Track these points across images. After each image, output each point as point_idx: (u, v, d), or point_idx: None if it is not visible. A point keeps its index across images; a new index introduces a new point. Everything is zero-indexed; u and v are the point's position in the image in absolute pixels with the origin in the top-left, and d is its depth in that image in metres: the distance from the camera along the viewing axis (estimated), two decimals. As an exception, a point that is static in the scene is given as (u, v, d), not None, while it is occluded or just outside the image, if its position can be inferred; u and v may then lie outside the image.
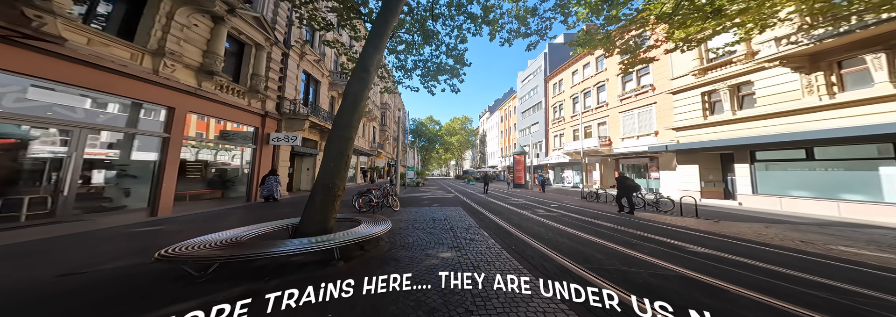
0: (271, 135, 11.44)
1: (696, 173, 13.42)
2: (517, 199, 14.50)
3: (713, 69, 12.98)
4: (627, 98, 19.07)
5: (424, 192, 18.41)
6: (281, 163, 12.46)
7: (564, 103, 28.22)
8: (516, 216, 8.66)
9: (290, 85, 13.33)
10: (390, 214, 8.73)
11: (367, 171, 29.87)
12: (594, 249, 4.93)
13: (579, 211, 9.98)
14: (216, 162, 9.98)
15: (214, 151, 10.05)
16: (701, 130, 13.23)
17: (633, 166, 19.36)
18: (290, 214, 6.88)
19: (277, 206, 9.61)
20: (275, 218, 5.65)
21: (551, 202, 12.70)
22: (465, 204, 12.05)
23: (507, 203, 12.50)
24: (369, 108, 26.06)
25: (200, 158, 9.44)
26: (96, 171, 6.25)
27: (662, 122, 16.06)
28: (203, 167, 9.53)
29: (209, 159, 9.79)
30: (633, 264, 4.04)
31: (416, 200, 13.77)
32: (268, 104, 11.60)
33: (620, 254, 4.54)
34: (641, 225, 7.32)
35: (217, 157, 10.10)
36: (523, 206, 11.41)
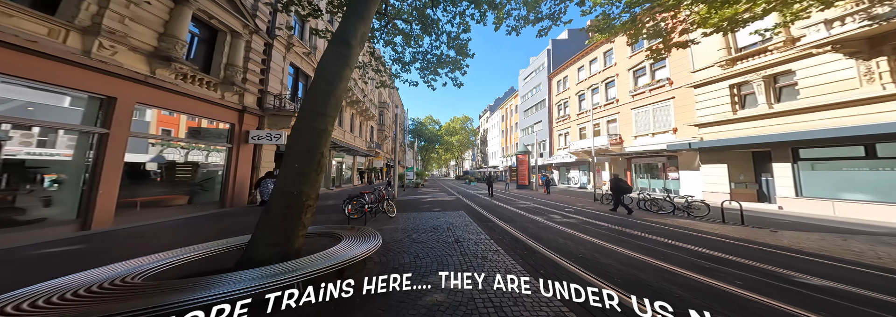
0: (251, 133, 10.02)
1: (725, 173, 12.01)
2: (525, 201, 13.11)
3: (744, 59, 11.58)
4: (640, 94, 17.67)
5: (424, 194, 17.02)
6: (264, 164, 11.05)
7: (570, 101, 26.82)
8: (531, 224, 7.27)
9: (274, 79, 11.92)
10: (385, 222, 7.38)
11: (364, 172, 28.44)
12: (661, 276, 3.52)
13: (600, 216, 8.60)
14: (185, 163, 8.56)
15: (185, 150, 8.65)
16: (730, 126, 11.83)
17: (646, 166, 17.96)
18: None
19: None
20: (242, 230, 4.27)
21: (564, 206, 11.30)
22: (469, 208, 10.67)
23: (515, 207, 11.11)
24: (366, 106, 24.68)
25: (165, 159, 8.03)
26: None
27: (682, 118, 14.66)
28: (168, 169, 8.12)
29: (177, 160, 8.38)
30: (759, 313, 2.61)
31: (416, 203, 12.39)
32: (247, 99, 10.19)
33: (712, 289, 3.11)
34: (689, 237, 5.92)
35: (188, 157, 8.68)
36: (534, 210, 10.02)
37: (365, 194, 8.23)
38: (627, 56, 19.19)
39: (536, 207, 11.03)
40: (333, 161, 19.60)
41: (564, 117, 27.44)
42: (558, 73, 29.58)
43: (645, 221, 7.81)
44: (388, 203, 8.64)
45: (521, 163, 25.68)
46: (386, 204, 8.59)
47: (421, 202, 12.73)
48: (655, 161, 16.80)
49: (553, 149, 29.56)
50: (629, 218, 8.44)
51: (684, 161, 14.28)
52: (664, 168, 16.25)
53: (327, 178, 18.76)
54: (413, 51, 8.70)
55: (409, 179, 25.93)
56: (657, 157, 16.37)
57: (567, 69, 27.81)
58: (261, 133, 10.12)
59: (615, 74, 20.28)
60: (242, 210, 8.88)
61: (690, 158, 13.92)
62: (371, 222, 7.44)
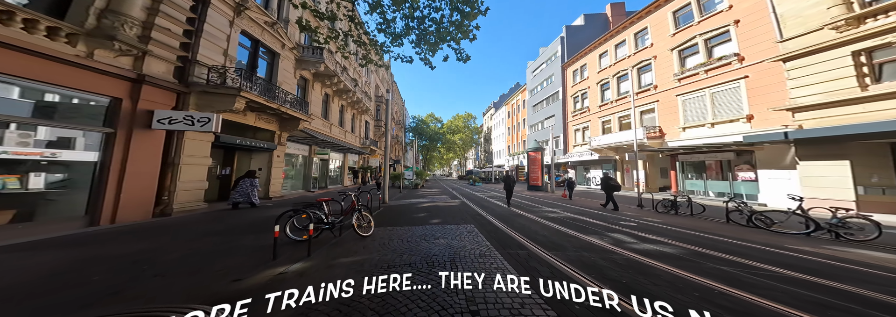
0: (157, 113, 6.44)
1: (845, 173, 8.32)
2: (549, 208, 9.57)
3: (880, 14, 7.90)
4: (691, 76, 13.95)
5: (422, 197, 13.43)
6: (189, 159, 7.47)
7: (589, 92, 23.13)
8: (598, 256, 3.72)
9: (211, 46, 8.33)
10: (347, 249, 4.42)
11: (357, 171, 24.85)
12: None
13: (693, 239, 5.03)
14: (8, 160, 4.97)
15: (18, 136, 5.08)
16: (852, 109, 8.15)
17: (695, 164, 14.26)
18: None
19: (233, 216, 4.62)
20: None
21: (614, 217, 7.68)
22: (479, 219, 7.26)
23: (541, 216, 7.64)
24: (358, 97, 21.09)
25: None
26: None
27: (760, 102, 10.96)
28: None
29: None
30: None
31: (408, 210, 8.96)
32: (151, 65, 6.59)
33: None
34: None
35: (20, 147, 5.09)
36: (573, 224, 6.48)
37: (323, 204, 5.07)
38: (669, 34, 15.49)
39: (573, 218, 7.41)
40: (316, 158, 16.01)
41: (582, 110, 23.75)
42: (574, 63, 25.89)
43: (803, 253, 4.19)
44: (360, 215, 5.14)
45: (532, 161, 22.00)
46: (357, 217, 5.09)
47: (415, 209, 9.18)
48: (715, 157, 13.06)
49: (568, 146, 25.88)
50: (746, 242, 4.81)
51: (766, 157, 10.59)
52: (731, 167, 12.50)
53: (306, 178, 15.19)
54: (404, 14, 5.36)
55: (408, 179, 22.43)
56: (719, 152, 12.65)
57: (585, 57, 24.12)
58: (174, 115, 6.53)
59: (652, 57, 16.57)
60: (133, 229, 5.33)
61: (777, 154, 10.25)
62: (324, 249, 4.29)
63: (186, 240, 4.75)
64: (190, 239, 4.81)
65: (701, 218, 8.09)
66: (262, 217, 6.95)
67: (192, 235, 5.07)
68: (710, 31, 13.08)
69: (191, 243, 4.56)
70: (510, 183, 10.54)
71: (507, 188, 10.47)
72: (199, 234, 5.20)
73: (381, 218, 7.34)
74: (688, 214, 8.64)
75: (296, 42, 13.09)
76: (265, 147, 10.68)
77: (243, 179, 8.53)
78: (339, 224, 5.11)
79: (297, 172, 14.65)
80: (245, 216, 7.18)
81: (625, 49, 19.52)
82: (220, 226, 5.95)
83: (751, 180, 11.32)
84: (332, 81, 16.12)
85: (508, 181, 10.61)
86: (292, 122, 11.59)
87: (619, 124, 19.28)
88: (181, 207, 7.21)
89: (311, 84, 15.13)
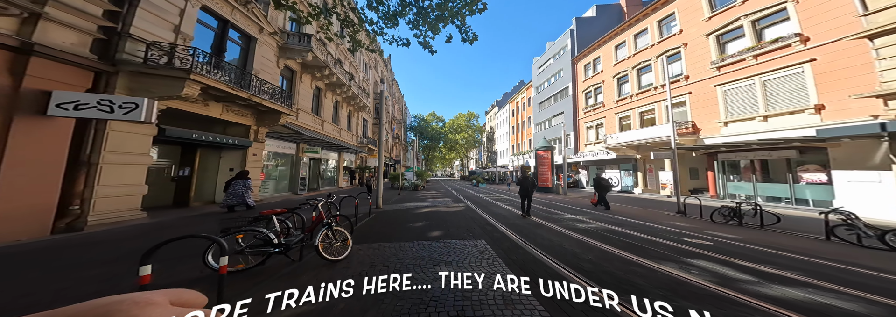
0: (56, 95, 4.56)
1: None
2: (570, 215, 7.85)
3: None
4: (735, 63, 11.96)
5: (422, 200, 11.55)
6: (115, 157, 5.59)
7: (603, 86, 21.17)
8: (727, 311, 1.84)
9: (154, 19, 6.44)
10: (299, 284, 2.80)
11: (354, 171, 22.99)
12: None
13: (843, 275, 3.05)
14: None
15: None
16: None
17: (732, 165, 12.29)
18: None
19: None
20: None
21: (669, 230, 5.73)
22: (489, 229, 5.79)
23: (567, 226, 5.95)
24: (354, 92, 19.22)
25: None
26: None
27: (833, 88, 8.97)
28: None
29: None
30: None
31: (404, 216, 7.34)
32: (50, 32, 4.69)
33: None
34: None
35: None
36: (618, 240, 4.69)
37: (273, 217, 3.60)
38: (703, 18, 13.52)
39: (611, 230, 5.49)
40: (305, 157, 14.13)
41: (596, 106, 21.79)
42: (586, 56, 23.94)
43: None
44: (329, 232, 3.62)
45: (541, 161, 20.10)
46: (323, 235, 3.29)
47: (413, 216, 7.40)
48: (769, 156, 11.06)
49: (580, 144, 23.92)
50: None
51: (845, 155, 8.62)
52: (792, 168, 10.47)
53: (293, 179, 13.33)
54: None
55: (409, 179, 20.59)
56: (776, 149, 10.65)
57: (598, 49, 22.17)
58: (86, 98, 4.63)
59: (682, 45, 14.59)
60: (21, 250, 3.49)
61: (862, 151, 8.29)
62: (255, 287, 2.71)
63: (67, 271, 3.04)
64: (72, 269, 3.08)
65: (780, 231, 6.22)
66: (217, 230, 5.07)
67: (79, 264, 3.31)
68: (759, 11, 11.11)
69: (66, 277, 2.80)
70: (528, 186, 7.79)
71: (524, 193, 7.77)
72: (94, 261, 3.41)
73: (369, 230, 5.54)
74: (756, 225, 6.75)
75: (278, 27, 11.21)
76: (236, 144, 8.81)
77: (235, 181, 7.86)
78: (297, 245, 3.30)
79: (281, 172, 12.79)
80: (190, 227, 5.32)
81: (646, 38, 17.56)
82: (138, 245, 4.11)
83: (821, 183, 9.35)
84: (324, 73, 14.22)
85: (525, 183, 7.84)
86: (271, 115, 9.72)
87: (641, 120, 17.32)
88: (101, 219, 5.32)
89: (299, 76, 13.24)
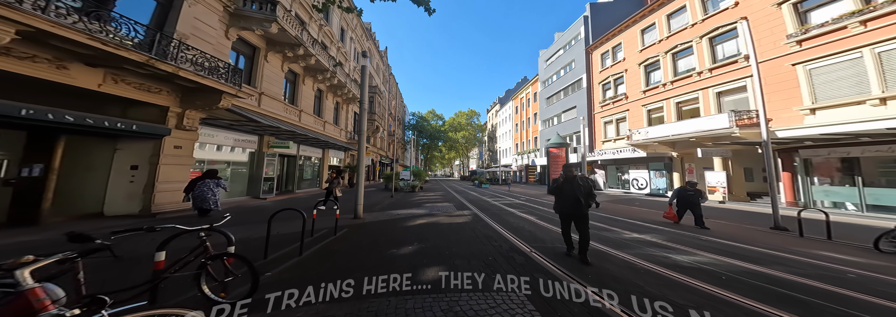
0: None
1: None
2: (633, 234, 4.68)
3: None
4: (826, 34, 9.04)
5: (418, 205, 8.67)
6: None
7: (626, 76, 18.32)
8: None
9: None
10: None
11: (342, 171, 19.99)
12: None
13: None
14: None
15: None
16: None
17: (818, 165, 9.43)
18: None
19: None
20: None
21: (855, 272, 2.87)
22: (521, 261, 3.25)
23: (657, 261, 2.71)
24: (341, 81, 16.32)
25: None
26: None
27: None
28: None
29: None
30: None
31: (389, 233, 4.83)
32: None
33: None
34: None
35: None
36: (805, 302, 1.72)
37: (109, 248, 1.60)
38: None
39: (735, 267, 2.62)
40: (276, 153, 11.19)
41: (616, 99, 18.93)
42: (603, 44, 21.10)
43: None
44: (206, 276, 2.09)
45: (555, 159, 17.29)
46: (205, 279, 2.03)
47: (401, 232, 4.62)
48: (882, 152, 8.19)
49: (596, 141, 21.06)
50: None
51: None
52: None
53: (253, 180, 10.42)
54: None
55: (405, 179, 17.81)
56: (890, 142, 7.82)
57: (619, 35, 19.33)
58: None
59: (738, 19, 11.71)
60: None
61: None
62: None
63: None
64: None
65: None
66: None
67: None
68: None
69: None
70: (571, 200, 3.70)
71: (566, 210, 3.76)
72: None
73: (328, 257, 3.15)
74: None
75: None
76: (140, 131, 5.88)
77: (203, 181, 6.58)
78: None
79: (236, 172, 9.87)
80: None
81: (684, 17, 14.71)
82: None
83: None
84: (297, 54, 11.32)
85: (567, 191, 3.74)
86: (206, 95, 6.83)
87: (678, 112, 14.45)
88: None
89: (263, 54, 10.35)
